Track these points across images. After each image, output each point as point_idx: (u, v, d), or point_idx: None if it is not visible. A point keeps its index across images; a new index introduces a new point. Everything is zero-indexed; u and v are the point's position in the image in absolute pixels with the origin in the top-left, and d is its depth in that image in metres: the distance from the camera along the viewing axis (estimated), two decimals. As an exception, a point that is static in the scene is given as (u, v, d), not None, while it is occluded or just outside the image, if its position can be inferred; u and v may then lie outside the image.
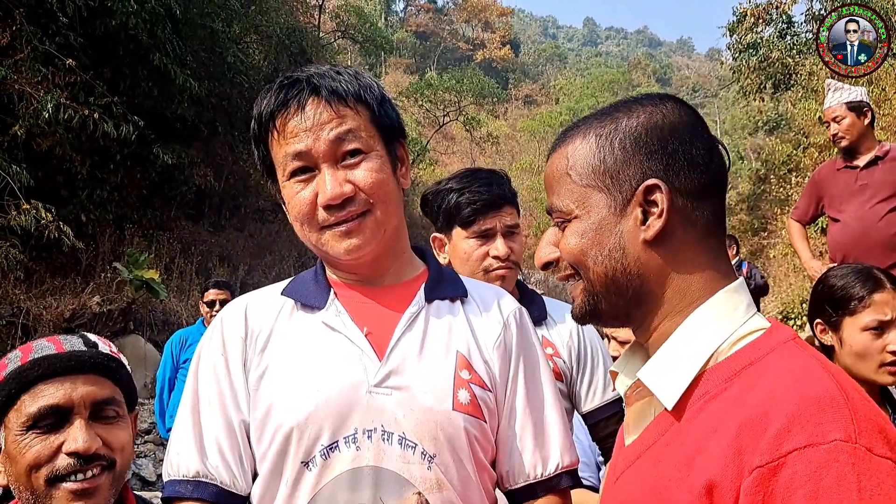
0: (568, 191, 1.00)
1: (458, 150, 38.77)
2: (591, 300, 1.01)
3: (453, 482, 1.28)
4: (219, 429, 1.31)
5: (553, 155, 1.04)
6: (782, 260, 15.44)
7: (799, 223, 4.65)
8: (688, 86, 73.64)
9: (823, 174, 4.44)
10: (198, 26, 13.29)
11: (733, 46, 17.14)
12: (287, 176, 1.31)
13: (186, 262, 12.63)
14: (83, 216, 10.67)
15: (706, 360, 0.93)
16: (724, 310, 0.95)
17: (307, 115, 1.28)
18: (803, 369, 0.86)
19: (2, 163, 8.67)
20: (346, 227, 1.29)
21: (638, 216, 0.96)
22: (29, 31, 9.53)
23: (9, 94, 9.03)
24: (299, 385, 1.28)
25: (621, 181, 0.97)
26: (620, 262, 0.96)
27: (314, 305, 1.37)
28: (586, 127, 1.02)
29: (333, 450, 1.25)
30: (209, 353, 1.38)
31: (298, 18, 20.04)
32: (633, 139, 0.97)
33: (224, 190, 14.84)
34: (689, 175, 0.96)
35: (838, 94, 4.16)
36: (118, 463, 1.33)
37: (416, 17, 68.52)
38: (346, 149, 1.29)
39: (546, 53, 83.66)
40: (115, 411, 1.36)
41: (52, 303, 9.41)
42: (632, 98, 1.04)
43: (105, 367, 1.36)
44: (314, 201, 1.29)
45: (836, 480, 0.76)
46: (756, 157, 32.86)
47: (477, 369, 1.34)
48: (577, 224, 0.99)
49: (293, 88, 1.30)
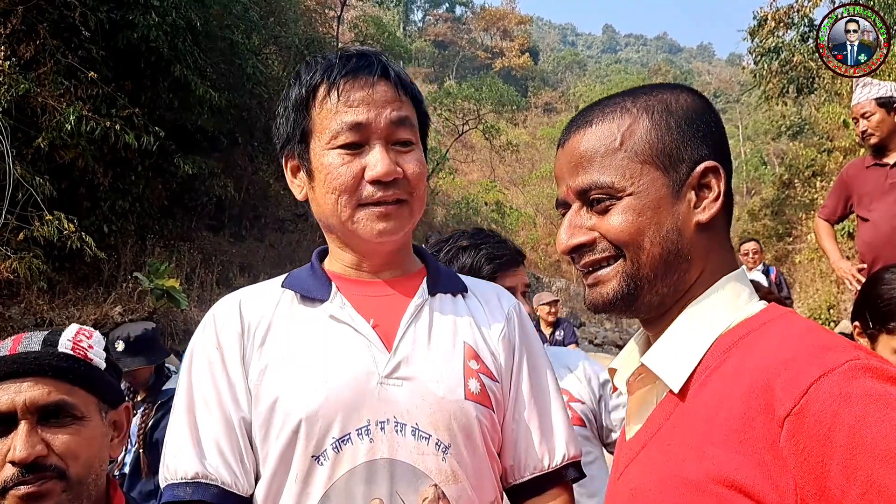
0: (619, 166, 0.94)
1: (478, 158, 38.77)
2: (633, 283, 0.95)
3: (468, 473, 1.25)
4: (217, 427, 1.25)
5: (586, 130, 0.98)
6: (808, 265, 15.26)
7: (827, 222, 4.54)
8: (709, 91, 73.22)
9: (852, 172, 4.33)
10: (218, 38, 13.43)
11: (754, 51, 16.96)
12: (335, 145, 1.27)
13: (207, 271, 12.72)
14: (105, 227, 10.79)
15: (712, 341, 0.92)
16: (729, 297, 0.95)
17: (376, 90, 1.27)
18: (801, 329, 0.86)
19: (25, 175, 8.79)
20: (384, 209, 1.27)
21: (692, 198, 0.94)
22: (52, 44, 9.68)
23: (32, 108, 9.17)
24: (306, 377, 1.23)
25: (678, 161, 0.94)
26: (677, 243, 0.93)
27: (317, 297, 1.33)
28: (630, 104, 0.97)
29: (346, 442, 1.21)
30: (203, 349, 1.31)
31: (317, 29, 20.19)
32: (687, 120, 0.96)
33: (244, 200, 14.94)
34: (727, 160, 0.98)
35: (867, 89, 4.06)
36: (71, 471, 1.25)
37: (434, 27, 68.79)
38: (400, 136, 1.29)
39: (565, 61, 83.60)
40: (72, 414, 1.28)
41: (74, 313, 9.51)
42: (661, 84, 1.02)
43: (57, 369, 1.28)
44: (360, 175, 1.26)
45: (865, 393, 0.73)
46: (779, 162, 32.58)
47: (484, 360, 1.33)
48: (632, 201, 0.93)
49: (363, 60, 1.29)
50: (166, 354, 4.29)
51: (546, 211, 34.19)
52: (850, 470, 0.71)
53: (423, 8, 72.04)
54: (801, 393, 0.75)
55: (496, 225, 29.88)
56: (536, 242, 32.20)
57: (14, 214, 8.77)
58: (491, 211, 30.65)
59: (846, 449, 0.71)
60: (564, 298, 26.51)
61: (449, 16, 71.50)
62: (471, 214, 28.64)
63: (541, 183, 36.25)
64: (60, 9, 10.02)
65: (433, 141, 30.92)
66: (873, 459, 0.70)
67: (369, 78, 1.27)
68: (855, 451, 0.71)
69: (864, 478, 0.70)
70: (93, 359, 1.36)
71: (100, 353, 1.39)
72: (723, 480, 0.79)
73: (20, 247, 8.68)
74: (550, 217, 33.90)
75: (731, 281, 0.96)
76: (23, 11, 9.23)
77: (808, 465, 0.73)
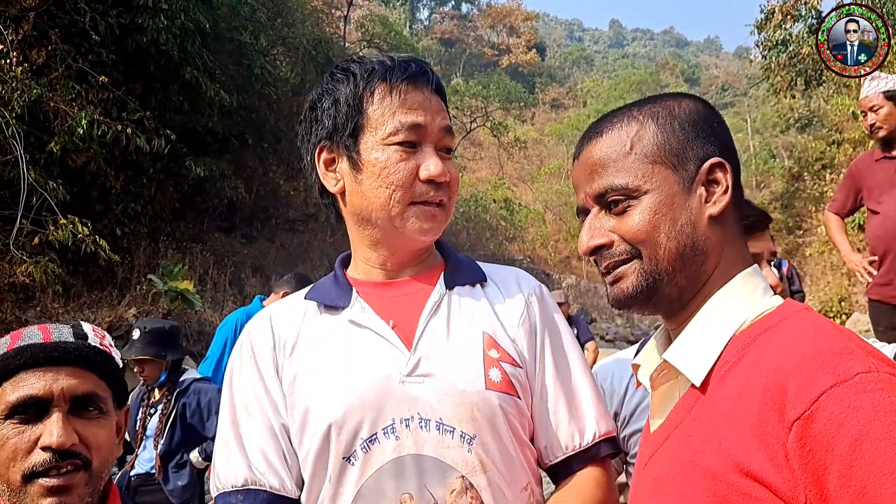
0: (633, 168, 1.01)
1: (486, 155, 38.73)
2: (651, 278, 1.00)
3: (496, 462, 1.28)
4: (261, 434, 1.31)
5: (598, 141, 1.05)
6: (819, 258, 15.20)
7: (837, 216, 4.54)
8: (717, 85, 72.85)
9: (861, 166, 4.33)
10: (226, 40, 13.50)
11: (762, 44, 16.86)
12: (393, 141, 1.33)
13: (220, 273, 12.79)
14: (118, 230, 10.87)
15: (731, 335, 0.96)
16: (744, 290, 1.00)
17: (429, 97, 1.36)
18: (816, 329, 0.90)
19: (39, 179, 8.87)
20: (432, 210, 1.35)
21: (702, 193, 1.00)
22: (63, 49, 9.76)
23: (45, 112, 9.25)
24: (332, 383, 1.29)
25: (686, 160, 1.01)
26: (692, 237, 0.99)
27: (338, 305, 1.38)
28: (637, 113, 1.05)
29: (373, 442, 1.25)
30: (241, 365, 1.39)
31: (324, 29, 20.24)
32: (691, 122, 1.03)
33: (255, 201, 15.02)
34: (733, 156, 1.04)
35: (875, 83, 4.06)
36: (95, 462, 1.27)
37: (440, 25, 68.70)
38: (447, 143, 1.38)
39: (572, 56, 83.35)
40: (99, 407, 1.30)
41: (89, 315, 9.59)
42: (662, 94, 1.10)
43: (90, 361, 1.30)
44: (415, 173, 1.32)
45: (873, 408, 0.76)
46: (788, 155, 32.41)
47: (505, 347, 1.36)
48: (648, 199, 1.00)
49: (420, 68, 1.38)
50: (181, 353, 4.33)
51: (555, 207, 34.14)
52: (846, 479, 0.76)
53: (429, 6, 71.98)
54: (812, 400, 0.79)
55: (505, 222, 29.87)
56: (546, 239, 32.16)
57: (29, 219, 8.86)
58: (500, 208, 30.62)
59: (846, 459, 0.76)
60: (575, 295, 26.48)
61: (455, 13, 71.38)
62: (480, 212, 28.63)
63: (549, 179, 36.24)
64: (71, 14, 10.11)
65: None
66: (869, 473, 0.75)
67: (427, 86, 1.37)
68: (853, 463, 0.76)
69: (858, 488, 0.75)
70: (115, 355, 1.39)
71: (116, 352, 1.42)
72: (741, 470, 0.84)
73: (35, 251, 8.77)
74: (559, 213, 33.83)
75: (746, 276, 1.01)
76: (34, 17, 9.32)
77: (811, 468, 0.78)
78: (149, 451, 4.22)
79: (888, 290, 4.00)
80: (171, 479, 4.12)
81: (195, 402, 4.11)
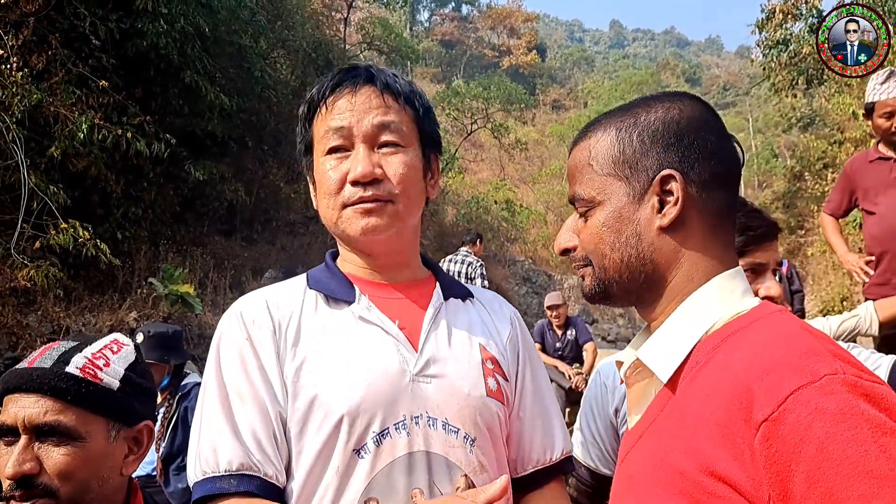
0: (589, 180, 1.06)
1: (487, 157, 38.70)
2: (602, 284, 1.07)
3: (492, 464, 1.34)
4: (255, 420, 1.27)
5: (576, 147, 1.11)
6: (820, 257, 15.19)
7: (832, 217, 4.54)
8: (718, 85, 72.82)
9: (856, 166, 4.32)
10: (226, 43, 13.50)
11: (763, 43, 16.86)
12: (324, 151, 1.36)
13: (220, 276, 12.79)
14: (119, 234, 10.88)
15: (701, 335, 0.98)
16: (721, 292, 1.01)
17: (358, 97, 1.35)
18: (786, 330, 0.91)
19: (40, 184, 8.88)
20: (365, 207, 1.33)
21: (655, 204, 1.02)
22: (63, 54, 9.77)
23: (45, 117, 9.26)
24: (345, 374, 1.28)
25: (639, 171, 1.02)
26: (636, 248, 1.02)
27: (343, 299, 1.39)
28: (607, 121, 1.08)
29: (385, 436, 1.26)
30: (232, 344, 1.33)
31: (324, 32, 20.24)
32: (651, 132, 1.03)
33: (255, 204, 15.01)
34: (703, 166, 1.02)
35: None
36: (62, 490, 1.27)
37: (441, 26, 68.72)
38: (385, 138, 1.35)
39: (573, 57, 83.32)
40: (67, 436, 1.29)
41: (90, 319, 9.59)
42: (652, 95, 1.10)
43: (57, 390, 1.29)
44: (344, 178, 1.33)
45: (839, 410, 0.78)
46: (790, 154, 32.35)
47: (498, 360, 1.43)
48: (600, 211, 1.04)
49: (350, 73, 1.39)
50: (184, 358, 4.35)
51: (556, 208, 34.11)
52: (812, 480, 0.77)
53: (430, 8, 72.03)
54: (779, 402, 0.80)
55: (506, 223, 29.86)
56: (547, 240, 32.10)
57: (30, 223, 8.87)
58: (501, 209, 30.59)
59: (812, 461, 0.77)
60: (577, 295, 26.44)
61: (455, 15, 71.42)
62: (481, 213, 28.61)
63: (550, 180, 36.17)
64: (71, 19, 10.12)
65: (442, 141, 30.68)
66: (835, 475, 0.76)
67: (352, 87, 1.36)
68: (820, 465, 0.77)
69: (824, 489, 0.76)
70: (102, 379, 1.36)
71: (116, 371, 1.39)
72: (707, 469, 0.85)
73: (36, 255, 8.78)
74: (561, 214, 33.79)
75: (724, 279, 1.02)
76: (34, 22, 9.33)
77: (776, 469, 0.79)
78: (150, 454, 4.23)
79: (885, 289, 4.00)
80: (172, 481, 4.13)
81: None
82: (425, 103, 1.45)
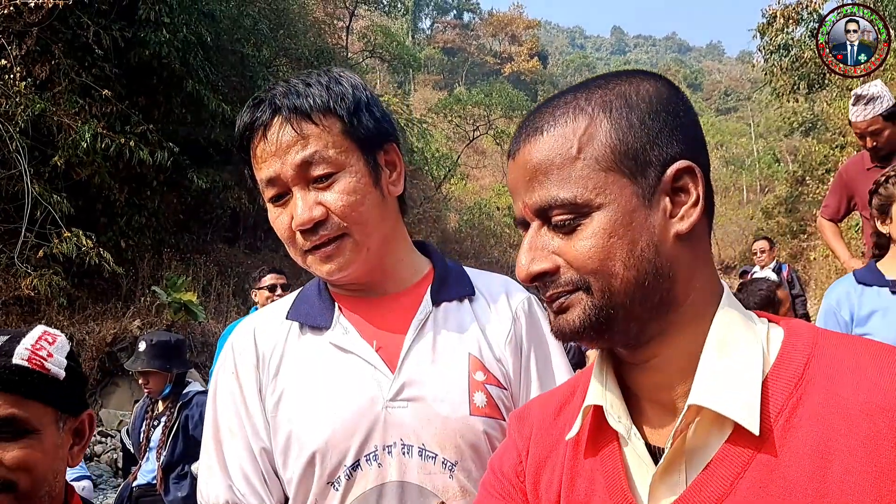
0: (581, 177, 0.80)
1: (490, 163, 38.79)
2: (604, 314, 0.81)
3: (476, 486, 1.25)
4: (242, 456, 1.31)
5: (537, 139, 0.83)
6: (823, 262, 15.16)
7: (831, 222, 4.54)
8: (719, 90, 72.87)
9: (852, 173, 4.32)
10: (228, 52, 13.57)
11: (764, 48, 16.89)
12: (267, 199, 1.30)
13: (223, 283, 12.81)
14: (122, 242, 10.92)
15: (760, 373, 0.78)
16: (739, 313, 0.83)
17: (270, 138, 1.24)
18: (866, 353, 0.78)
19: (43, 193, 8.92)
20: (323, 252, 1.27)
21: (667, 205, 0.80)
22: (66, 64, 9.83)
23: (48, 127, 9.31)
24: (315, 409, 1.27)
25: (646, 164, 0.80)
26: (653, 262, 0.79)
27: (320, 326, 1.35)
28: (582, 104, 0.83)
29: (356, 469, 1.25)
30: (223, 378, 1.37)
31: (326, 40, 20.31)
32: (652, 114, 0.81)
33: (258, 212, 15.01)
34: (704, 152, 0.85)
35: (871, 106, 4.01)
36: (21, 484, 1.25)
37: (442, 34, 68.89)
38: (314, 174, 1.24)
39: (574, 64, 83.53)
40: (24, 429, 1.26)
41: (94, 328, 9.62)
42: (617, 72, 0.88)
43: (9, 383, 1.27)
44: (291, 226, 1.27)
45: None
46: (793, 159, 32.36)
47: (490, 369, 1.32)
48: (601, 217, 0.79)
49: (257, 110, 1.26)
50: (186, 367, 4.36)
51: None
52: None
53: (431, 15, 72.26)
54: None
55: (509, 229, 29.85)
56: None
57: (33, 232, 8.91)
58: (504, 215, 30.61)
59: None
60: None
61: (457, 22, 71.63)
62: (483, 219, 28.63)
63: (553, 186, 36.14)
64: (74, 29, 10.18)
65: (444, 147, 30.95)
66: None
67: (262, 127, 1.25)
68: None
69: None
70: (50, 369, 1.33)
71: (59, 360, 1.37)
72: None
73: (40, 264, 8.81)
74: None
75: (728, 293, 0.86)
76: (38, 32, 9.38)
77: None
78: (151, 463, 4.25)
79: None
80: (172, 490, 4.14)
81: (198, 413, 4.13)
82: (350, 103, 1.27)
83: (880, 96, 4.01)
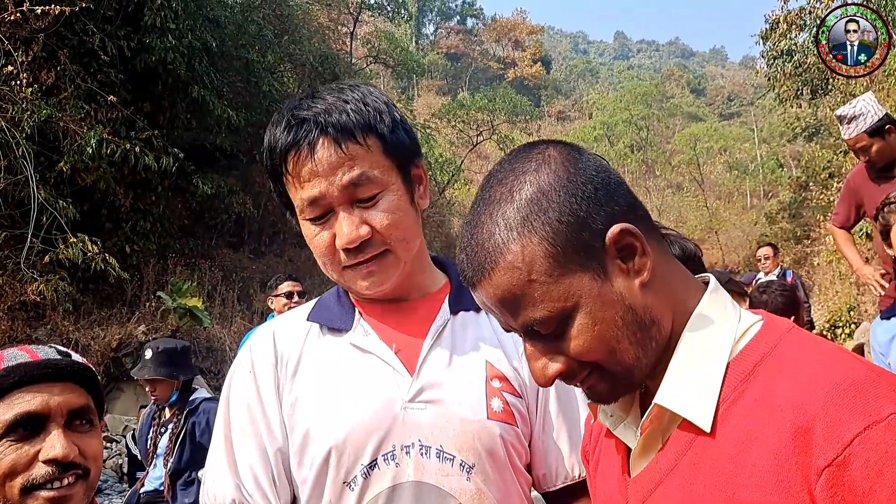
0: (544, 293, 0.87)
1: (493, 168, 38.81)
2: (624, 379, 0.91)
3: (493, 491, 1.28)
4: (253, 457, 1.31)
5: (489, 279, 0.89)
6: (827, 267, 15.14)
7: (842, 230, 4.55)
8: (723, 95, 72.86)
9: (859, 182, 4.33)
10: (233, 58, 13.63)
11: (767, 54, 16.93)
12: (304, 218, 1.31)
13: (228, 289, 12.83)
14: (127, 247, 10.95)
15: (724, 366, 0.88)
16: (716, 311, 0.92)
17: (318, 159, 1.23)
18: (825, 356, 0.83)
19: (49, 198, 8.96)
20: (366, 268, 1.28)
21: (621, 266, 0.88)
22: (72, 70, 9.87)
23: (54, 132, 9.35)
24: (333, 408, 1.29)
25: (586, 248, 0.86)
26: (636, 320, 0.88)
27: (341, 328, 1.37)
28: (502, 229, 0.88)
29: (373, 468, 1.26)
30: (240, 380, 1.38)
31: (331, 46, 20.39)
32: (566, 204, 0.87)
33: (263, 217, 15.09)
34: (626, 198, 0.91)
35: (854, 124, 4.04)
36: (92, 472, 1.32)
37: (446, 39, 69.08)
38: (360, 195, 1.25)
39: (577, 69, 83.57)
40: (90, 419, 1.34)
41: (99, 333, 9.64)
42: (511, 165, 0.93)
43: (80, 376, 1.35)
44: (333, 243, 1.27)
45: None
46: (796, 164, 32.34)
47: (507, 377, 1.34)
48: (580, 315, 0.87)
49: (301, 129, 1.25)
50: (192, 373, 4.37)
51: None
52: None
53: (435, 21, 72.39)
54: (845, 444, 0.73)
55: (513, 235, 29.89)
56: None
57: (39, 238, 8.94)
58: (507, 221, 30.62)
59: None
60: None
61: (460, 28, 71.81)
62: (487, 225, 28.62)
63: (556, 191, 36.14)
64: (80, 35, 10.24)
65: (447, 152, 30.97)
66: None
67: (309, 148, 1.24)
68: None
69: None
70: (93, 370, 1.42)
71: None
72: None
73: (45, 269, 8.85)
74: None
75: (708, 296, 0.93)
76: (44, 39, 9.43)
77: None
78: (159, 469, 4.25)
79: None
80: (180, 496, 4.14)
81: (205, 420, 4.14)
82: (388, 121, 1.28)
83: (863, 113, 4.03)
